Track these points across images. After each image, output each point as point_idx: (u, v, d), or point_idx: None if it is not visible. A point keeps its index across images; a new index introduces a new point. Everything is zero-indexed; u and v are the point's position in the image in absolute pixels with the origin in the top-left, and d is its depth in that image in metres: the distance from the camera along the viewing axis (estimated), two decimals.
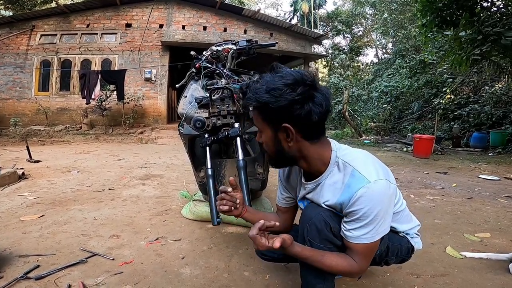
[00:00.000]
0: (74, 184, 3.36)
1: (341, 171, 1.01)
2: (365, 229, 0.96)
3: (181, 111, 1.90)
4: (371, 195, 0.93)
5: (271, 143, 1.03)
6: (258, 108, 0.98)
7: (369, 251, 1.01)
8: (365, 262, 1.01)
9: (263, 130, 1.03)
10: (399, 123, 11.88)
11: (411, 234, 1.22)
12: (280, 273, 1.54)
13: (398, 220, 1.15)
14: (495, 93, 9.08)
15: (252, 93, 0.96)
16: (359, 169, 0.97)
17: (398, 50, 14.59)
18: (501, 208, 2.75)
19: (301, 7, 25.50)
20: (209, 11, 10.32)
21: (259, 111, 0.99)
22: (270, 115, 0.96)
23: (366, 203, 0.93)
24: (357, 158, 1.01)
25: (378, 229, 0.97)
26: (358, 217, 0.95)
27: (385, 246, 1.11)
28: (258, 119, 1.01)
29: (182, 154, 5.29)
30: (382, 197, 0.95)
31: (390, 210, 1.01)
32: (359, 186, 0.94)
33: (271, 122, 0.99)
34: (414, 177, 4.15)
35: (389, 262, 1.19)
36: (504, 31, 4.94)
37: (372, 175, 0.95)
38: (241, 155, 1.61)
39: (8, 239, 1.89)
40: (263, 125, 1.01)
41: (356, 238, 0.98)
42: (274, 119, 0.97)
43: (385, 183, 0.96)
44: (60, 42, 9.63)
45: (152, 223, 2.24)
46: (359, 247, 0.99)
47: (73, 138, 8.26)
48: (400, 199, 1.15)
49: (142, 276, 1.50)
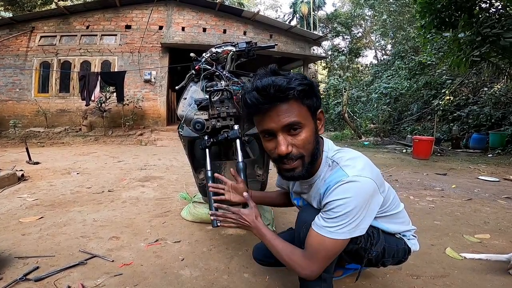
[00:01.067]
0: (73, 186, 3.36)
1: (329, 171, 1.00)
2: (333, 223, 0.91)
3: (181, 113, 1.90)
4: (347, 188, 0.90)
5: (312, 138, 0.94)
6: (303, 95, 0.89)
7: (322, 248, 0.94)
8: (311, 258, 0.95)
9: (306, 124, 0.92)
10: (398, 125, 11.89)
11: (408, 235, 1.21)
12: (279, 275, 1.53)
13: (394, 222, 1.15)
14: (494, 94, 9.09)
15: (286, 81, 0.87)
16: (342, 164, 0.96)
17: (397, 52, 14.63)
18: (501, 209, 2.75)
19: (300, 9, 25.57)
20: (209, 13, 10.35)
21: (302, 100, 0.90)
22: (314, 101, 0.92)
23: (340, 196, 0.90)
24: (344, 156, 1.00)
25: (347, 227, 0.91)
26: (330, 208, 0.92)
27: (382, 248, 1.10)
28: (302, 111, 0.91)
29: (181, 156, 5.29)
30: (359, 193, 0.90)
31: (368, 212, 0.94)
32: (337, 180, 0.92)
33: (313, 111, 0.94)
34: (414, 178, 4.16)
35: (385, 263, 1.18)
36: (502, 32, 4.95)
37: (354, 171, 0.93)
38: (241, 157, 1.61)
39: (7, 240, 1.88)
40: (307, 117, 0.92)
41: (320, 228, 0.94)
42: (315, 106, 0.93)
43: (366, 181, 0.91)
44: (60, 43, 9.64)
45: (152, 224, 2.24)
46: (315, 237, 0.94)
47: (72, 140, 8.26)
48: (396, 201, 1.14)
49: (142, 277, 1.50)
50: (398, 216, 1.16)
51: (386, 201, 1.07)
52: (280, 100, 0.88)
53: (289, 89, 0.87)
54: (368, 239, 1.05)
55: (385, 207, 1.08)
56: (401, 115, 12.33)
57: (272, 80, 0.88)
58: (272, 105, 0.89)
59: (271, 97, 0.88)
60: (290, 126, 0.90)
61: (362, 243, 1.04)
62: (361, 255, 1.07)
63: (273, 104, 0.89)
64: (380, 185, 0.98)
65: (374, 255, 1.08)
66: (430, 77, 11.12)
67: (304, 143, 0.92)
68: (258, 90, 0.89)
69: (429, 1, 5.61)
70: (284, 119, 0.89)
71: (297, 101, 0.90)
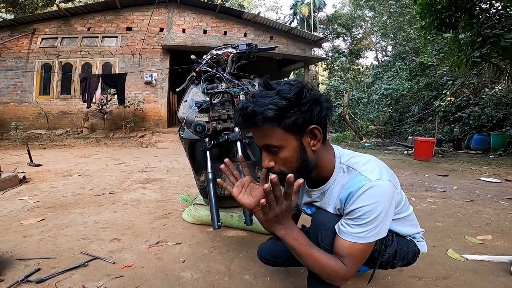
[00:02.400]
0: (75, 188, 3.36)
1: (346, 176, 1.00)
2: (362, 228, 0.93)
3: (182, 115, 1.90)
4: (372, 194, 0.91)
5: (296, 156, 0.93)
6: (277, 119, 0.88)
7: (358, 252, 0.95)
8: (351, 267, 0.94)
9: (285, 145, 0.92)
10: (399, 126, 11.87)
11: (418, 237, 1.22)
12: (281, 276, 1.53)
13: (406, 224, 1.15)
14: (495, 95, 9.07)
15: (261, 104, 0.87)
16: (360, 170, 0.97)
17: (398, 53, 14.62)
18: (503, 210, 2.74)
19: (300, 10, 25.63)
20: (209, 15, 10.38)
21: (278, 123, 0.89)
22: (296, 120, 0.89)
23: (367, 202, 0.91)
24: (361, 161, 1.00)
25: (374, 230, 0.93)
26: (359, 215, 0.92)
27: (394, 250, 1.09)
28: (278, 134, 0.90)
29: (182, 158, 5.30)
30: (383, 197, 0.92)
31: (390, 213, 0.97)
32: (360, 185, 0.93)
33: (296, 129, 0.91)
34: (415, 179, 4.15)
35: (395, 265, 1.17)
36: (503, 33, 4.95)
37: (374, 175, 0.94)
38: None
39: (9, 242, 1.89)
40: (286, 138, 0.91)
41: (348, 235, 0.94)
42: (299, 124, 0.90)
43: (387, 184, 0.93)
44: (61, 45, 9.68)
45: (153, 226, 2.24)
46: (347, 245, 0.94)
47: (74, 142, 8.27)
48: (406, 203, 1.14)
49: (143, 279, 1.50)
50: (409, 219, 1.16)
51: (400, 201, 1.08)
52: (253, 124, 0.90)
53: (255, 116, 0.87)
54: (383, 242, 1.04)
55: (398, 209, 1.08)
56: (402, 116, 12.32)
57: (244, 105, 0.90)
58: (250, 126, 0.92)
59: (246, 120, 0.91)
60: (268, 147, 0.93)
61: (377, 245, 1.03)
62: (374, 258, 1.06)
63: (251, 126, 0.92)
64: (397, 185, 1.00)
65: (386, 257, 1.07)
66: (431, 78, 11.11)
67: (284, 162, 0.93)
68: (238, 111, 0.93)
69: (430, 2, 5.61)
70: (259, 141, 0.94)
71: (272, 125, 0.89)
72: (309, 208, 1.16)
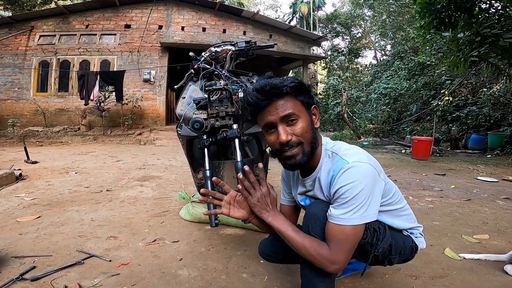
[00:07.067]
0: (71, 185, 3.35)
1: (330, 162, 1.07)
2: (344, 209, 0.97)
3: (180, 112, 1.89)
4: (350, 174, 0.97)
5: (309, 128, 1.05)
6: (295, 91, 1.03)
7: (342, 236, 0.96)
8: (337, 251, 0.97)
9: (301, 116, 1.04)
10: (397, 125, 11.89)
11: (415, 233, 1.22)
12: (278, 275, 1.53)
13: (400, 218, 1.16)
14: (493, 95, 9.09)
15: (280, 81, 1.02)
16: (341, 154, 1.04)
17: (397, 52, 14.63)
18: (500, 210, 2.75)
19: (300, 9, 25.56)
20: (208, 12, 10.34)
21: (295, 95, 1.03)
22: (306, 97, 1.05)
23: (345, 182, 0.96)
24: (343, 147, 1.08)
25: (357, 212, 0.95)
26: (339, 195, 0.97)
27: (388, 244, 1.10)
28: (296, 105, 1.03)
29: (180, 155, 5.28)
30: (362, 177, 0.96)
31: (374, 197, 0.99)
32: (339, 168, 1.00)
33: (306, 105, 1.06)
34: (413, 179, 4.16)
35: (392, 261, 1.18)
36: (502, 33, 4.96)
37: (353, 158, 1.00)
38: (240, 157, 1.60)
39: (4, 240, 1.87)
40: (301, 110, 1.04)
41: (333, 217, 0.98)
42: (308, 102, 1.06)
43: (366, 165, 0.99)
44: (59, 43, 9.62)
45: (150, 224, 2.23)
46: (331, 227, 0.98)
47: (71, 139, 8.24)
48: (399, 196, 1.17)
49: (140, 277, 1.49)
50: (402, 212, 1.17)
51: (389, 191, 1.11)
52: (276, 96, 1.02)
53: (282, 86, 1.01)
54: (375, 234, 1.06)
55: (387, 198, 1.10)
56: (400, 116, 12.33)
57: (268, 81, 1.03)
58: (270, 101, 1.02)
59: (268, 95, 1.02)
60: (288, 117, 1.02)
61: (368, 238, 1.04)
62: (367, 251, 1.07)
63: (271, 100, 1.02)
64: (379, 171, 1.04)
65: (381, 251, 1.08)
66: (430, 77, 11.11)
67: (302, 131, 1.03)
68: (257, 90, 1.03)
69: (429, 2, 5.60)
70: (281, 111, 1.02)
71: (291, 97, 1.03)
72: (303, 200, 1.20)
